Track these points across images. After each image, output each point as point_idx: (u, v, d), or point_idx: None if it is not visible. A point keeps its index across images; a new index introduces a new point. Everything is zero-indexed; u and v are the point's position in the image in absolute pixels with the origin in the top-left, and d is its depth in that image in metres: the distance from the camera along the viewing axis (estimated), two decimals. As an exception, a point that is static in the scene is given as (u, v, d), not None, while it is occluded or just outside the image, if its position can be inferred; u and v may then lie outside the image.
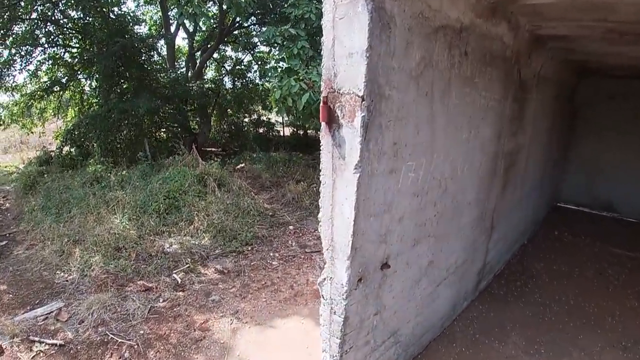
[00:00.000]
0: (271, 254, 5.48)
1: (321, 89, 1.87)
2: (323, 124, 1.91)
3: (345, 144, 1.85)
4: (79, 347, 3.73)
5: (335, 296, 2.16)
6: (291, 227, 6.46)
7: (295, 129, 14.86)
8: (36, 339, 3.86)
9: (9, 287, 4.88)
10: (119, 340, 3.74)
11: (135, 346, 3.65)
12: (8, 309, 4.37)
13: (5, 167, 11.78)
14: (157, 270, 4.96)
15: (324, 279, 2.26)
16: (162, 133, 11.73)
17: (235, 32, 12.98)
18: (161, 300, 4.37)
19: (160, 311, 4.19)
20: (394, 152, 2.07)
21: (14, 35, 10.35)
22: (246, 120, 13.98)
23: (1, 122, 13.02)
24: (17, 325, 3.98)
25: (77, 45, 11.62)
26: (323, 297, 2.27)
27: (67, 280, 4.87)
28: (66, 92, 12.45)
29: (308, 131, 14.67)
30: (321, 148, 1.97)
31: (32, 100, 12.13)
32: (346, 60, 1.76)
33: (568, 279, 4.70)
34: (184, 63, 13.10)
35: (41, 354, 3.69)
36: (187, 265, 5.04)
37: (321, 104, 1.84)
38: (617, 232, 6.10)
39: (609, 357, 3.33)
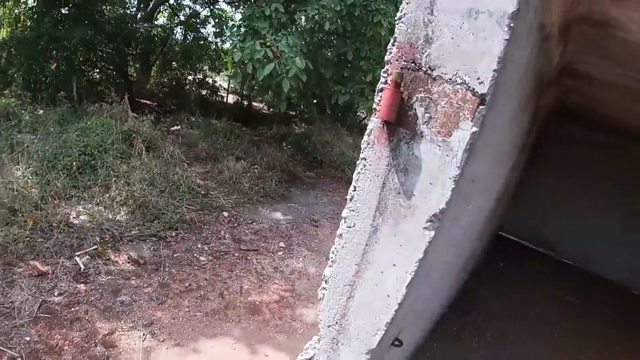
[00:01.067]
0: (199, 246, 4.58)
1: (387, 58, 0.99)
2: (375, 121, 1.05)
3: (420, 172, 0.99)
4: None
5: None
6: (225, 214, 5.51)
7: (239, 98, 13.46)
8: None
9: None
10: (-2, 348, 2.65)
11: (19, 359, 2.76)
12: None
13: None
14: (56, 249, 3.95)
15: (309, 359, 1.43)
16: (95, 74, 10.30)
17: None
18: (56, 293, 3.46)
19: (54, 309, 3.29)
20: (469, 193, 1.28)
21: None
22: (190, 78, 12.44)
23: None
24: None
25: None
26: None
27: None
28: (0, 8, 10.10)
29: (254, 103, 13.53)
30: (360, 163, 1.11)
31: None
32: (462, 21, 0.90)
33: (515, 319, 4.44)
34: (135, 1, 11.25)
35: None
36: (94, 247, 4.08)
37: (387, 86, 0.98)
38: (559, 273, 6.15)
39: None
